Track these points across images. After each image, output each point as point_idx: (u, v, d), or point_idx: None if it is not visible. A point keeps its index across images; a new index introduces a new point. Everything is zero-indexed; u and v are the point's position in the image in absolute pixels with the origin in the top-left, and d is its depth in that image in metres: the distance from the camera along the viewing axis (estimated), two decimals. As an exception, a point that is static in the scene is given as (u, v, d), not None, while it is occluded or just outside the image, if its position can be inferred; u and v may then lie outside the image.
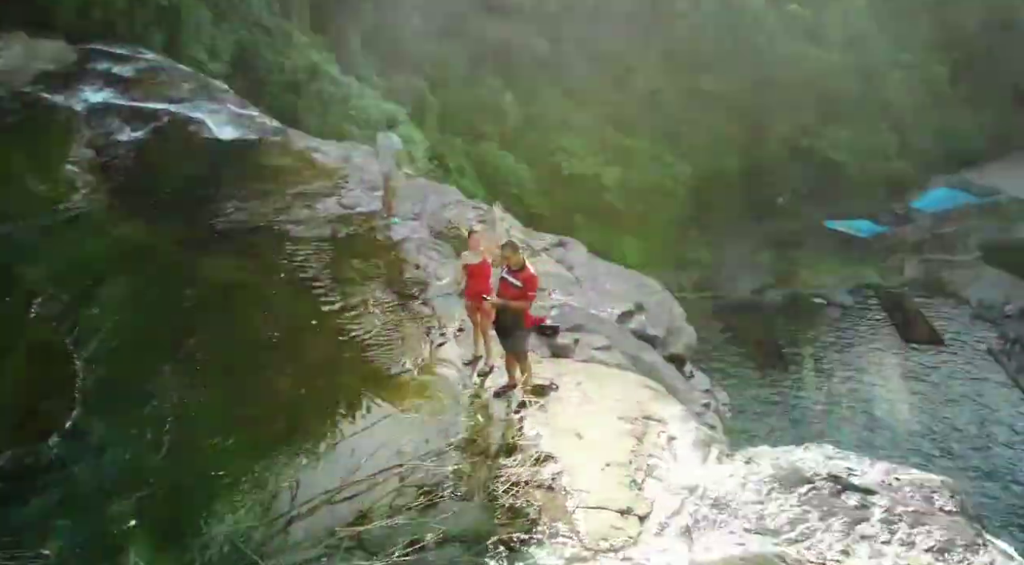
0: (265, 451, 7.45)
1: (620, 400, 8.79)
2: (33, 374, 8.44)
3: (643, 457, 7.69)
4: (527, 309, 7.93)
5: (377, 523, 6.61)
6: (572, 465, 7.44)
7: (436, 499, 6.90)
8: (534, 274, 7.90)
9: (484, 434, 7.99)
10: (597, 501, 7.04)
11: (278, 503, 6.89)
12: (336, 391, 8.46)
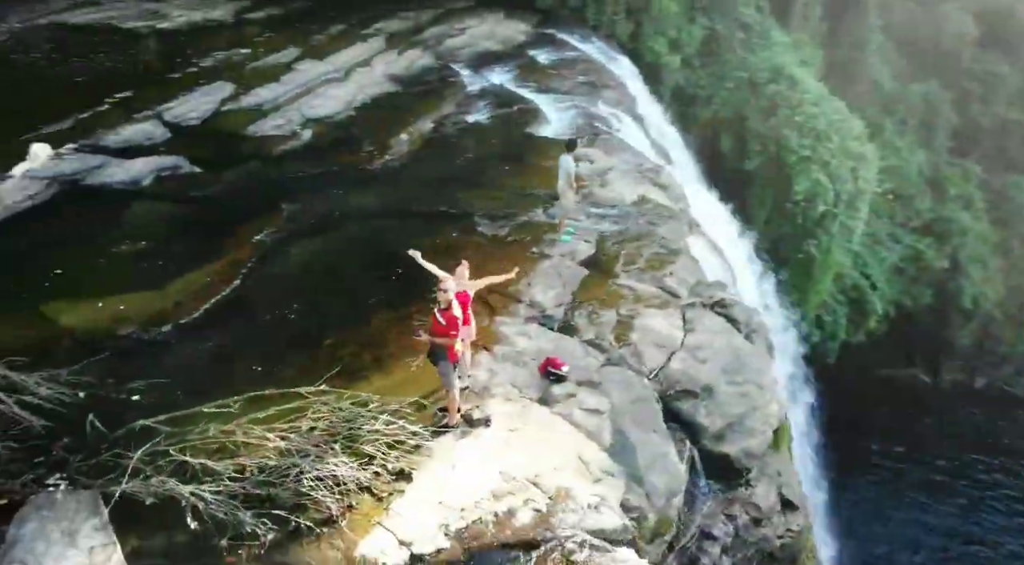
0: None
1: (531, 459, 7.91)
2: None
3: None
4: (450, 345, 7.85)
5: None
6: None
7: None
8: (456, 315, 7.77)
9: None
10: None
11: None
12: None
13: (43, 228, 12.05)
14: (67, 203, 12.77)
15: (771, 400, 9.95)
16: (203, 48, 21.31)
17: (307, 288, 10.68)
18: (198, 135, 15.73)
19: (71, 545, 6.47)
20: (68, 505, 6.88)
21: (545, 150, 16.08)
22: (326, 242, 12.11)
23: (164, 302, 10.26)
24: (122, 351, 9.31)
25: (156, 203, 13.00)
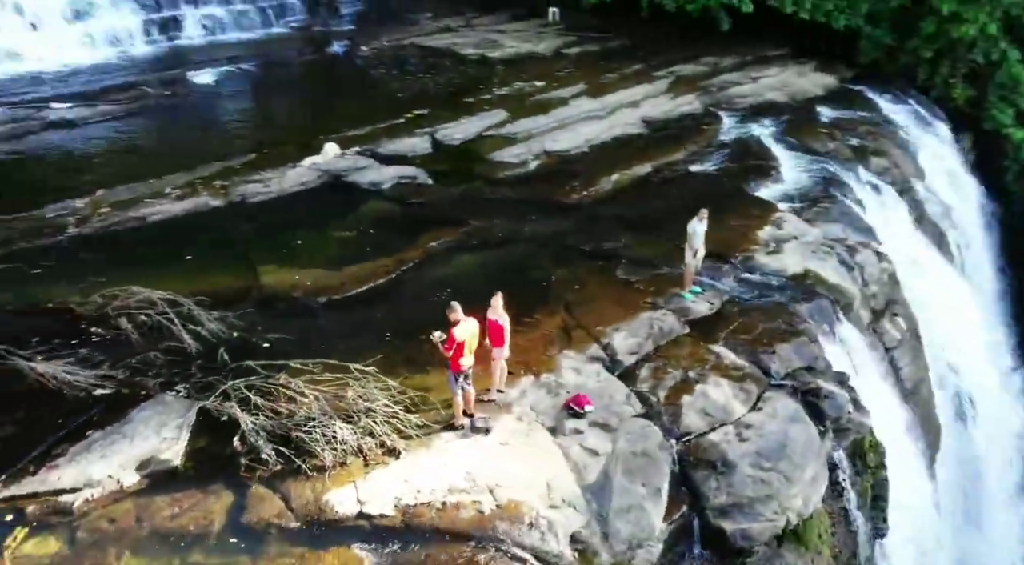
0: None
1: (502, 471, 9.20)
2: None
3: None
4: (450, 359, 9.48)
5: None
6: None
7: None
8: (453, 334, 9.36)
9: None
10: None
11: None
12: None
13: (301, 208, 15.76)
14: (326, 193, 16.43)
15: (795, 494, 9.84)
16: (510, 77, 24.50)
17: (441, 291, 12.81)
18: (450, 154, 18.71)
19: (155, 434, 9.36)
20: (171, 406, 9.85)
21: (746, 210, 16.36)
22: (482, 257, 14.12)
23: (333, 280, 13.11)
24: (285, 309, 12.30)
25: (384, 203, 16.10)
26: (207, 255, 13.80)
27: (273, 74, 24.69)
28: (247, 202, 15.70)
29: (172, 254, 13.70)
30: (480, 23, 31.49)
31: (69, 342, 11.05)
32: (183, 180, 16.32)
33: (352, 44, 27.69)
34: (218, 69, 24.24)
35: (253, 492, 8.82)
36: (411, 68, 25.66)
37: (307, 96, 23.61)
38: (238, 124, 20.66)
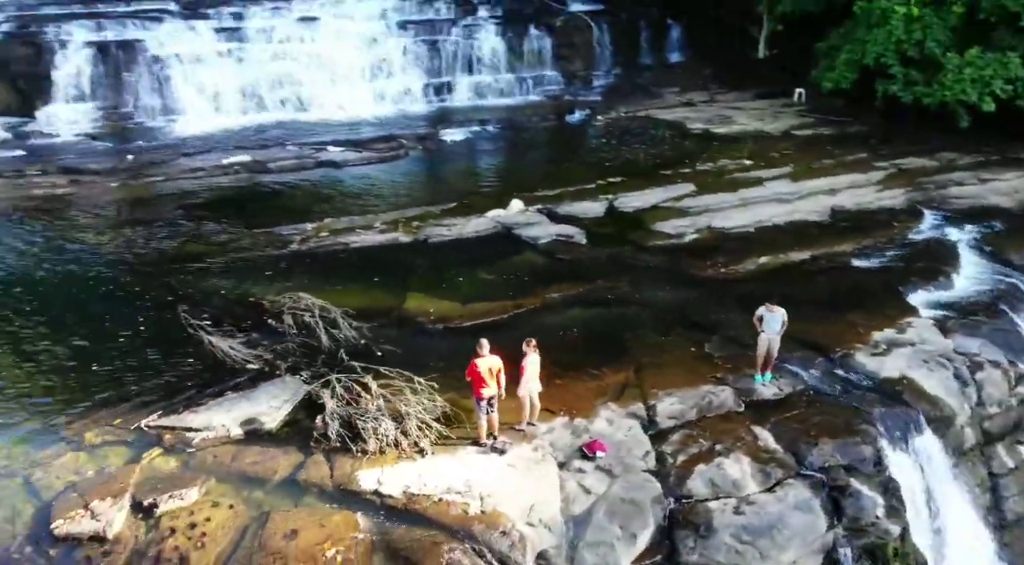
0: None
1: (498, 486, 11.04)
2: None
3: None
4: (473, 386, 11.61)
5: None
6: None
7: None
8: (475, 367, 11.31)
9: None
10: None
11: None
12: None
13: (466, 252, 18.64)
14: (493, 242, 19.18)
15: (764, 571, 10.45)
16: (721, 153, 25.78)
17: (537, 334, 14.75)
18: (618, 219, 20.56)
19: (267, 403, 12.50)
20: (288, 386, 12.99)
21: (880, 309, 16.14)
22: (591, 313, 15.81)
23: (457, 312, 15.69)
24: (409, 328, 15.12)
25: (535, 255, 18.45)
26: (377, 278, 17.07)
27: (510, 136, 28.26)
28: (428, 242, 18.90)
29: (353, 274, 17.21)
30: (723, 99, 32.77)
31: (246, 327, 14.78)
32: (391, 218, 20.00)
33: (591, 113, 30.50)
34: (468, 128, 28.33)
35: (313, 459, 11.52)
36: (631, 138, 27.80)
37: (526, 156, 26.78)
38: (458, 176, 24.28)
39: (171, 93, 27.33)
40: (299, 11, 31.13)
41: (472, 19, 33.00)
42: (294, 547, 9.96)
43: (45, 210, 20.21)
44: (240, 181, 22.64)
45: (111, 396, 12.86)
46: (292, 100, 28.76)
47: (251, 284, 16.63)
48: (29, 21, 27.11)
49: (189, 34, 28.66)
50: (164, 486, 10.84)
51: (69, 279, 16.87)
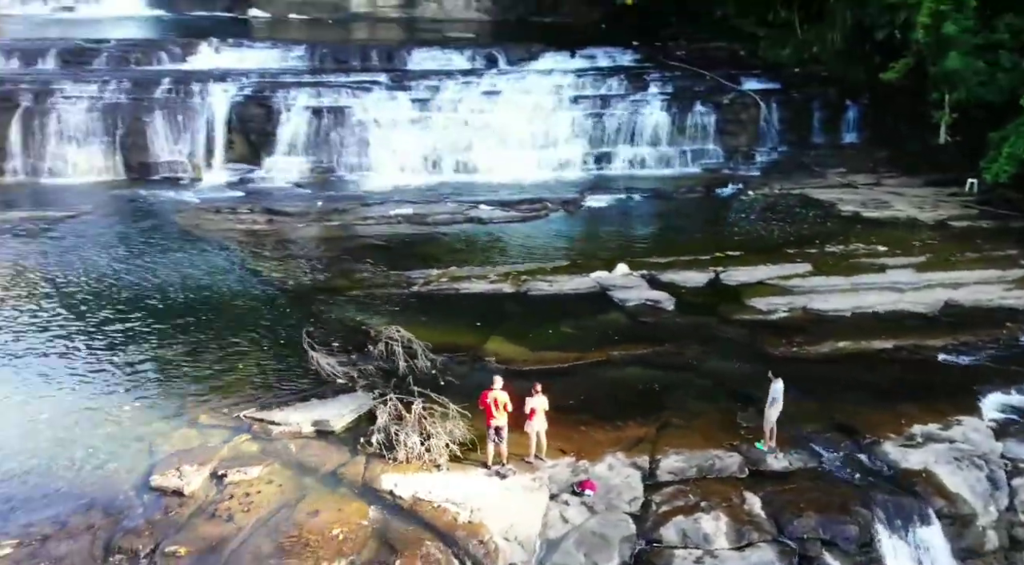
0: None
1: (491, 503, 12.95)
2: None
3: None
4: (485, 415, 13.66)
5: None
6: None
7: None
8: (484, 396, 13.47)
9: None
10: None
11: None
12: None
13: (558, 307, 20.60)
14: (586, 300, 21.01)
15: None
16: (858, 237, 25.85)
17: (585, 387, 16.53)
18: (717, 291, 21.59)
19: (338, 410, 15.28)
20: (359, 399, 15.74)
21: (936, 405, 16.09)
22: (645, 373, 17.22)
23: (523, 356, 17.73)
24: (478, 366, 17.41)
25: (620, 315, 20.10)
26: (469, 321, 19.58)
27: (652, 205, 29.91)
28: (528, 294, 21.16)
29: (451, 315, 19.85)
30: (889, 183, 32.17)
31: (349, 349, 17.87)
32: (505, 270, 22.51)
33: (743, 188, 31.33)
34: (614, 196, 30.40)
35: (355, 459, 14.09)
36: (772, 215, 28.38)
37: (656, 224, 28.26)
38: (582, 238, 26.33)
39: (366, 152, 31.95)
40: (487, 85, 34.96)
41: (641, 95, 35.14)
42: (311, 522, 12.50)
43: (240, 240, 24.90)
44: (398, 229, 26.25)
45: (228, 389, 16.34)
46: (464, 163, 32.37)
47: (368, 315, 19.77)
48: (266, 87, 33.03)
49: (390, 103, 33.32)
50: (238, 463, 13.90)
51: (233, 294, 21.00)
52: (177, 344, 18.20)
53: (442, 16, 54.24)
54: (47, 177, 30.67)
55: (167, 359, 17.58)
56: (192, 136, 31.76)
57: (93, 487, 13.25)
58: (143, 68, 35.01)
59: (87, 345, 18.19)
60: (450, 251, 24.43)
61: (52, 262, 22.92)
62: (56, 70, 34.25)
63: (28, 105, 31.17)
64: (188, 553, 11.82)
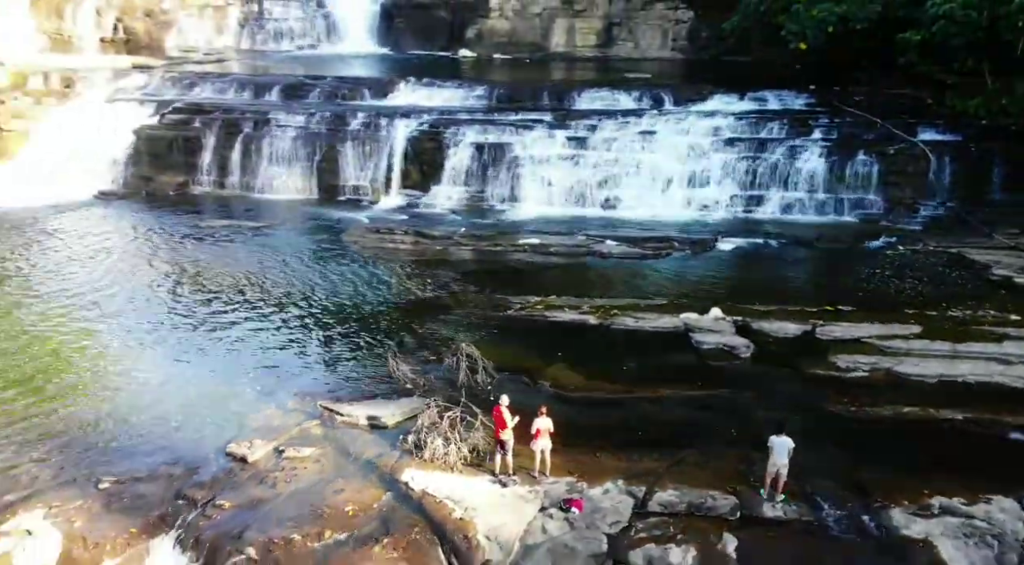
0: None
1: (480, 503, 14.72)
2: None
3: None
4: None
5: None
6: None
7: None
8: (497, 415, 15.24)
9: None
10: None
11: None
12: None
13: (639, 342, 21.66)
14: (665, 339, 21.79)
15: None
16: (999, 304, 24.30)
17: (628, 422, 17.65)
18: (802, 343, 21.44)
19: (391, 409, 17.70)
20: (412, 402, 18.00)
21: (976, 477, 15.41)
22: (691, 414, 17.93)
23: (576, 383, 19.16)
24: (532, 386, 19.06)
25: (690, 357, 20.74)
26: (543, 346, 21.20)
27: (786, 252, 29.55)
28: (610, 328, 22.33)
29: (529, 340, 21.54)
30: (1069, 247, 29.32)
31: (429, 360, 20.26)
32: (599, 304, 23.80)
33: (894, 242, 30.05)
34: (750, 239, 30.44)
35: (391, 453, 16.31)
36: (912, 272, 27.08)
37: (778, 272, 27.86)
38: (693, 279, 26.71)
39: (518, 185, 34.52)
40: (645, 125, 36.30)
41: (801, 140, 34.69)
42: (333, 498, 14.89)
43: (383, 257, 28.25)
44: (520, 257, 28.40)
45: (320, 381, 19.36)
46: (609, 199, 33.88)
47: (457, 331, 22.03)
48: (441, 123, 36.72)
49: (547, 140, 35.70)
50: (299, 443, 16.68)
51: (357, 302, 24.21)
52: (298, 338, 21.71)
53: (637, 55, 55.97)
54: (256, 193, 36.33)
55: (285, 349, 21.10)
56: (376, 164, 36.11)
57: (186, 446, 16.58)
58: (347, 103, 40.11)
59: (228, 327, 22.31)
60: (558, 281, 26.09)
61: (236, 259, 27.83)
62: (277, 102, 40.29)
63: (248, 131, 37.14)
64: (230, 507, 14.63)
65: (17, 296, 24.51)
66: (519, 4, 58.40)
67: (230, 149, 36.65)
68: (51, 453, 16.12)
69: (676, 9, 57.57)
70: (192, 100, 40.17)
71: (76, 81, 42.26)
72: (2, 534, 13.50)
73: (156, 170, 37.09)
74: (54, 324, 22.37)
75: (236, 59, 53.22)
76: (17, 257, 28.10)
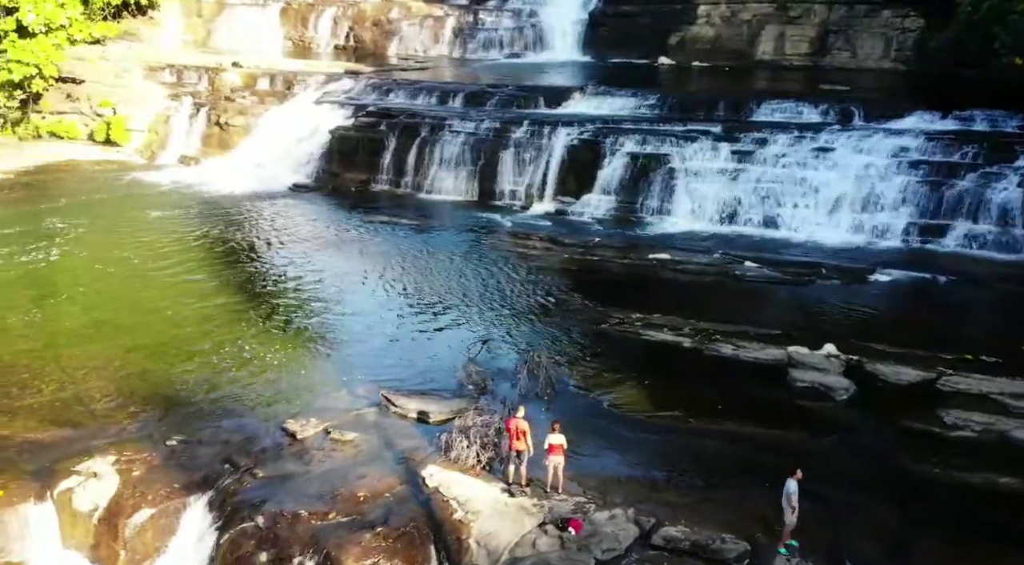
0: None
1: (481, 506, 14.83)
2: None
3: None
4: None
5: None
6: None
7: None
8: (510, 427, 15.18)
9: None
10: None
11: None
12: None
13: (729, 371, 20.48)
14: (760, 370, 20.41)
15: None
16: None
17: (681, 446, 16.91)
18: (915, 392, 19.14)
19: (441, 406, 18.18)
20: (462, 401, 18.47)
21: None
22: (744, 449, 16.84)
23: (632, 402, 18.61)
24: (595, 406, 18.78)
25: (778, 392, 19.30)
26: (623, 364, 20.72)
27: (951, 291, 26.09)
28: (702, 353, 21.27)
29: (613, 355, 21.18)
30: None
31: (501, 358, 20.62)
32: (702, 327, 22.50)
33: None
34: (913, 274, 27.35)
35: (423, 448, 16.77)
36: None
37: (926, 313, 24.71)
38: (820, 311, 24.43)
39: (670, 198, 33.56)
40: (822, 142, 33.82)
41: (999, 167, 30.54)
42: (354, 483, 15.72)
43: (511, 260, 28.63)
44: (644, 272, 27.65)
45: (394, 372, 20.30)
46: (768, 218, 31.91)
47: (544, 339, 22.15)
48: (601, 133, 36.63)
49: (709, 153, 34.35)
50: (348, 427, 17.67)
51: (467, 300, 25.12)
52: (391, 326, 22.97)
53: (853, 65, 52.00)
54: (424, 193, 38.43)
55: (375, 336, 22.43)
56: (533, 171, 36.84)
57: (252, 416, 18.21)
58: (519, 110, 41.16)
59: (340, 310, 24.07)
60: (671, 299, 25.18)
61: (383, 251, 29.71)
62: (458, 108, 42.27)
63: (425, 135, 39.36)
64: (262, 478, 15.93)
65: (192, 266, 27.87)
66: (728, 11, 56.43)
67: (407, 152, 39.06)
68: (145, 408, 18.32)
69: (905, 17, 52.67)
70: (384, 105, 43.23)
71: (295, 83, 47.08)
72: (75, 472, 15.63)
73: (344, 168, 40.39)
74: (210, 299, 25.00)
75: (439, 67, 56.32)
76: (222, 234, 31.63)
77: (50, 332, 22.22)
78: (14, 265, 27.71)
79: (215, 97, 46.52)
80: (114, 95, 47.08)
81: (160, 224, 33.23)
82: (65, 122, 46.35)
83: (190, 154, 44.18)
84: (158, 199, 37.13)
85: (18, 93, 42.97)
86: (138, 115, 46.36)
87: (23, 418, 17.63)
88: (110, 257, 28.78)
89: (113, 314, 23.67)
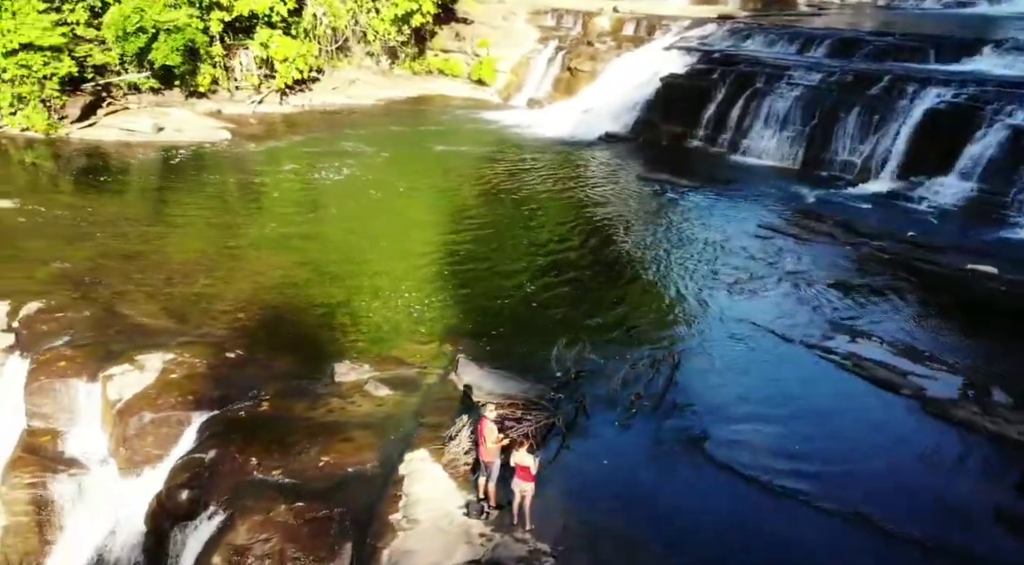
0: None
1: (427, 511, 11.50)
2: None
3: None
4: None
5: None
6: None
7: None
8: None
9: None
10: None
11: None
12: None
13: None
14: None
15: None
16: None
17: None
18: None
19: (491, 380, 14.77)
20: (519, 387, 14.68)
21: None
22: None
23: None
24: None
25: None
26: (774, 393, 15.07)
27: None
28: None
29: (760, 383, 15.70)
30: None
31: (620, 353, 16.22)
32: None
33: None
34: None
35: (434, 427, 13.77)
36: None
37: None
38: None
39: (1063, 193, 23.71)
40: None
41: None
42: (334, 443, 13.50)
43: (773, 243, 22.61)
44: (941, 283, 19.87)
45: (493, 338, 17.24)
46: None
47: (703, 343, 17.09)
48: (985, 97, 27.01)
49: None
50: (390, 384, 15.29)
51: (658, 277, 20.82)
52: (539, 294, 19.61)
53: None
54: (739, 154, 33.00)
55: (508, 300, 19.30)
56: (878, 139, 29.19)
57: (320, 353, 16.48)
58: (895, 64, 32.84)
59: (509, 269, 21.24)
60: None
61: (660, 219, 25.94)
62: (816, 58, 35.33)
63: (759, 86, 33.52)
64: (265, 410, 14.54)
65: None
66: None
67: (732, 104, 33.83)
68: (221, 318, 17.72)
69: None
70: (733, 51, 37.99)
71: (658, 29, 43.91)
72: (129, 361, 15.69)
73: (663, 119, 36.42)
74: (439, 235, 23.76)
75: (850, 15, 48.11)
76: (499, 178, 30.56)
77: (255, 236, 23.27)
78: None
79: (576, 41, 45.52)
80: (494, 36, 48.84)
81: (452, 160, 33.34)
82: (451, 60, 49.38)
83: (538, 97, 44.04)
84: (478, 136, 37.52)
85: (406, 28, 46.59)
86: (508, 56, 47.49)
87: (154, 303, 18.32)
88: (384, 180, 29.65)
89: (317, 229, 24.00)
